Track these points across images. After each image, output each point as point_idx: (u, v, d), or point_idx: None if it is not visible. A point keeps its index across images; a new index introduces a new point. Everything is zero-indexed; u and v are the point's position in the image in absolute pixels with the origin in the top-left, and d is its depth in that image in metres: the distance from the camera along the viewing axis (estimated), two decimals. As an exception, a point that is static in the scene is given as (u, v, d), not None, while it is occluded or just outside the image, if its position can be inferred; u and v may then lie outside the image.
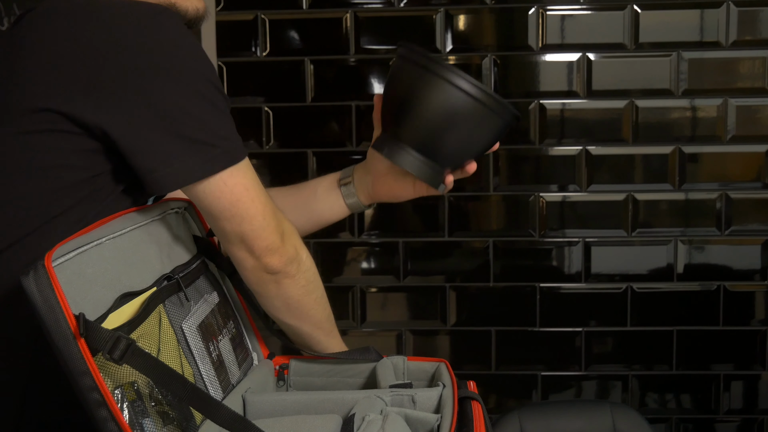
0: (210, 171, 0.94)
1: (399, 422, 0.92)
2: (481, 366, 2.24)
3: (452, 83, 1.05)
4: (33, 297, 0.74)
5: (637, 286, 2.19)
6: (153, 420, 0.81)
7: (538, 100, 2.14)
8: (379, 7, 2.15)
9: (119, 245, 0.91)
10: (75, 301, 0.78)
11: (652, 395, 2.24)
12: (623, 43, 2.12)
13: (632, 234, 2.18)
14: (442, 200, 2.18)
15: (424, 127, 1.08)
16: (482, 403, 1.03)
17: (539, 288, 2.21)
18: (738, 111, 2.12)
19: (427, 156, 1.10)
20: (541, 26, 2.12)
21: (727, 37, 2.10)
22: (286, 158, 2.20)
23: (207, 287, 1.08)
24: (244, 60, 2.18)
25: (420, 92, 1.06)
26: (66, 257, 0.80)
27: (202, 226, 1.15)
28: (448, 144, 1.09)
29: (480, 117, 1.07)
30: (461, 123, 1.07)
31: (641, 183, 2.16)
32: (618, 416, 1.78)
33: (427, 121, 1.08)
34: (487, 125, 1.09)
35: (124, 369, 0.80)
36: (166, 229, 1.04)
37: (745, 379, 2.22)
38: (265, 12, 2.16)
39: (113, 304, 0.84)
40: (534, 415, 1.80)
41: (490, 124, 1.09)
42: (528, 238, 2.19)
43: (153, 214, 1.02)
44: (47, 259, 0.76)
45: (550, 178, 2.18)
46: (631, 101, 2.13)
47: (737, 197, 2.15)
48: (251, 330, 1.19)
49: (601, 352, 2.23)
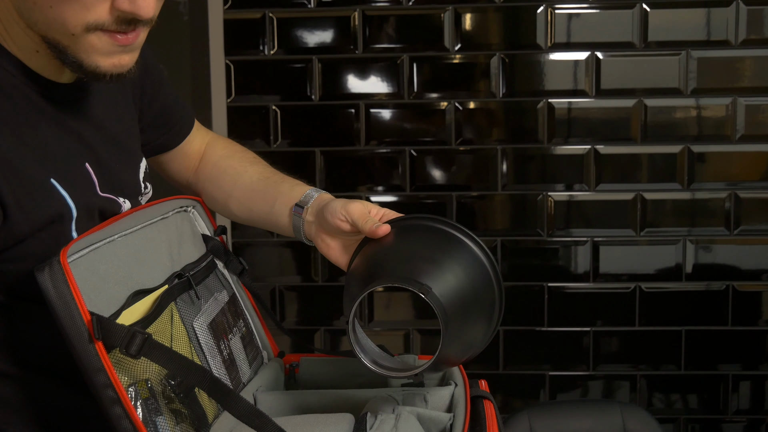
0: None
1: (412, 421, 0.92)
2: (489, 365, 2.23)
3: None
4: (48, 293, 0.74)
5: (645, 286, 2.19)
6: (166, 418, 0.81)
7: (546, 99, 2.14)
8: (387, 6, 2.14)
9: (130, 242, 0.91)
10: (89, 298, 0.78)
11: (660, 395, 2.24)
12: (632, 42, 2.11)
13: (640, 233, 2.17)
14: (450, 199, 2.18)
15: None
16: (494, 402, 1.02)
17: (547, 287, 2.20)
18: (747, 110, 2.11)
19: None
20: (549, 25, 2.12)
21: (736, 36, 2.09)
22: (293, 157, 2.19)
23: (217, 286, 1.08)
24: (251, 58, 2.18)
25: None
26: (79, 254, 0.80)
27: (210, 225, 1.14)
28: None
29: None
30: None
31: (649, 182, 2.15)
32: (628, 416, 1.77)
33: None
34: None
35: (138, 366, 0.80)
36: (175, 228, 1.03)
37: (753, 379, 2.21)
38: (273, 10, 2.16)
39: (126, 302, 0.84)
40: (543, 415, 1.79)
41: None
42: (535, 237, 2.19)
43: (162, 212, 1.01)
44: (63, 255, 0.76)
45: (558, 177, 2.17)
46: (640, 100, 2.13)
47: (746, 197, 2.14)
48: (261, 329, 1.18)
49: (608, 352, 2.22)
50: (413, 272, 0.93)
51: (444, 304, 0.90)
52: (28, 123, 0.85)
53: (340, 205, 1.03)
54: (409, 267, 0.94)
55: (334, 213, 1.02)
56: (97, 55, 0.83)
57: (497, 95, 2.14)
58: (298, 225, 1.09)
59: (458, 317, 0.92)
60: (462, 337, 0.94)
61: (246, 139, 2.17)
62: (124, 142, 1.03)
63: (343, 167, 2.20)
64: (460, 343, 0.95)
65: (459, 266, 0.96)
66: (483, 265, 0.98)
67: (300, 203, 1.09)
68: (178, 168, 1.22)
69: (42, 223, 0.83)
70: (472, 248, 0.98)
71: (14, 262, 0.83)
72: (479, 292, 0.97)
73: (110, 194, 0.96)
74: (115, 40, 0.83)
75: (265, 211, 1.14)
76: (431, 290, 0.90)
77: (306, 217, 1.08)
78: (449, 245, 0.98)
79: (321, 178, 2.20)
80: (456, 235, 0.99)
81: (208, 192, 1.19)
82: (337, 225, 1.02)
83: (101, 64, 0.84)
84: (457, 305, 0.92)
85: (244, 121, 2.20)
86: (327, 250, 1.07)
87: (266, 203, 1.14)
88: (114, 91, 1.02)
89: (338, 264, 1.07)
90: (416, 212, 1.04)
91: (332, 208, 1.03)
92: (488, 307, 0.98)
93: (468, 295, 0.94)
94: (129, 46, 0.85)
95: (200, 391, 0.87)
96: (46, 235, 0.84)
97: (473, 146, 2.17)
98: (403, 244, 0.99)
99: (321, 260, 2.23)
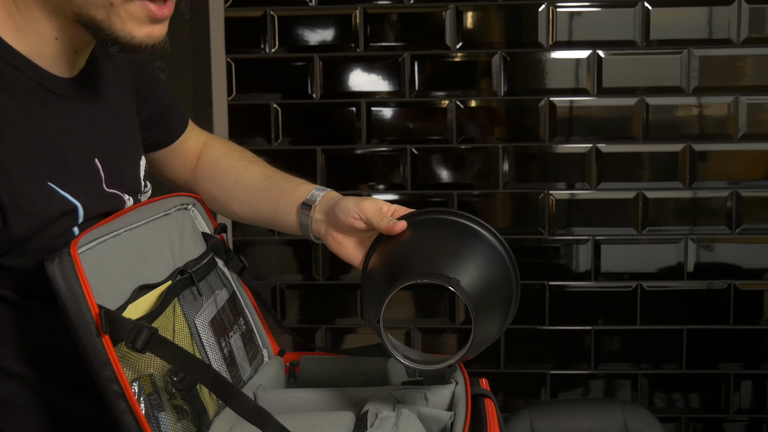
0: None
1: (413, 419, 0.92)
2: (490, 364, 2.23)
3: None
4: (57, 284, 0.75)
5: (646, 285, 2.18)
6: (168, 414, 0.81)
7: (547, 98, 2.13)
8: (389, 4, 2.14)
9: (135, 237, 0.91)
10: (96, 291, 0.78)
11: (661, 394, 2.23)
12: (634, 41, 2.11)
13: (642, 232, 2.17)
14: (451, 198, 2.18)
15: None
16: (495, 401, 1.02)
17: (548, 286, 2.20)
18: (749, 109, 2.11)
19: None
20: (550, 23, 2.12)
21: (738, 35, 2.09)
22: (294, 155, 2.19)
23: (218, 283, 1.08)
24: (252, 56, 2.18)
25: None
26: (87, 246, 0.80)
27: (210, 223, 1.14)
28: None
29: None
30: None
31: (651, 181, 2.15)
32: (629, 415, 1.77)
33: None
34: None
35: (142, 361, 0.80)
36: (177, 224, 1.03)
37: (755, 378, 2.21)
38: (274, 8, 2.15)
39: (131, 296, 0.84)
40: (544, 414, 1.79)
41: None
42: (537, 236, 2.19)
43: (164, 208, 1.01)
44: (73, 247, 0.76)
45: (560, 175, 2.17)
46: (642, 99, 2.12)
47: (748, 195, 2.14)
48: (261, 327, 1.18)
49: (610, 351, 2.22)
50: (438, 266, 0.94)
51: (471, 296, 0.92)
52: (33, 119, 0.86)
53: (352, 203, 1.03)
54: (434, 262, 0.95)
55: (347, 211, 1.03)
56: (132, 25, 0.85)
57: (499, 93, 2.13)
58: (306, 223, 1.09)
59: (484, 308, 0.94)
60: (487, 327, 0.96)
61: (247, 138, 2.17)
62: (126, 138, 1.03)
63: (344, 166, 2.20)
64: (485, 333, 0.96)
65: (480, 257, 0.98)
66: (501, 255, 1.00)
67: (307, 202, 1.09)
68: (174, 168, 1.22)
69: (43, 224, 0.83)
70: (490, 239, 1.01)
71: (19, 257, 0.83)
72: (499, 281, 0.99)
73: (116, 190, 0.96)
74: (150, 12, 0.85)
75: (270, 209, 1.14)
76: (460, 283, 0.91)
77: (314, 215, 1.08)
78: (468, 237, 1.00)
79: (322, 176, 2.19)
80: (473, 227, 1.01)
81: (208, 191, 1.19)
82: (350, 223, 1.02)
83: (136, 35, 0.86)
84: (482, 296, 0.94)
85: (245, 119, 2.20)
86: (339, 248, 1.07)
87: (270, 202, 1.14)
88: (115, 88, 1.03)
89: (352, 262, 1.07)
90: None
91: (344, 206, 1.03)
92: (507, 296, 1.00)
93: (490, 285, 0.97)
94: (162, 19, 0.87)
95: (201, 388, 0.87)
96: (50, 231, 0.84)
97: (475, 145, 2.17)
98: (421, 240, 0.99)
99: (322, 258, 2.23)
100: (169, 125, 1.18)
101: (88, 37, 0.89)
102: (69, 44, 0.89)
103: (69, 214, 0.86)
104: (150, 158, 1.18)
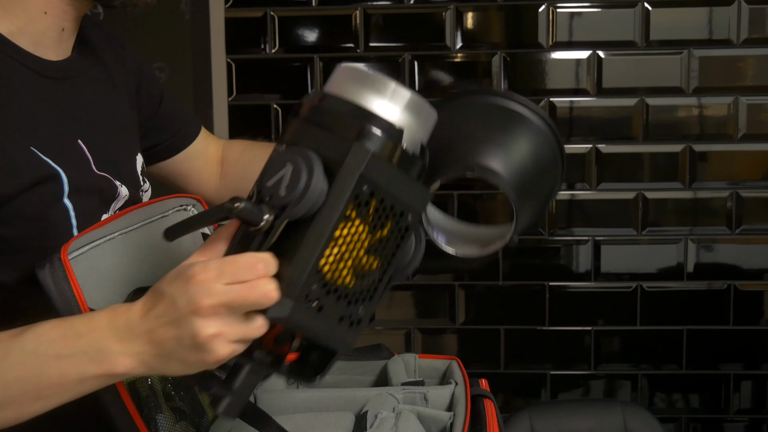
0: None
1: (412, 420, 0.92)
2: (490, 365, 2.23)
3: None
4: (48, 290, 0.75)
5: (646, 285, 2.18)
6: (166, 416, 0.81)
7: (547, 98, 2.13)
8: (389, 4, 2.14)
9: (131, 241, 0.91)
10: (89, 296, 0.78)
11: (661, 395, 2.23)
12: (634, 41, 2.11)
13: (642, 233, 2.17)
14: (451, 198, 2.18)
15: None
16: (495, 402, 1.02)
17: (548, 287, 2.20)
18: (749, 109, 2.11)
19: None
20: (551, 23, 2.12)
21: (738, 35, 2.09)
22: (294, 156, 2.19)
23: (216, 284, 1.08)
24: (253, 57, 2.18)
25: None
26: (80, 251, 0.80)
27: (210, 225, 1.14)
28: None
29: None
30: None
31: (651, 181, 2.15)
32: (629, 415, 1.77)
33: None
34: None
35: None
36: (175, 226, 1.03)
37: (755, 378, 2.21)
38: (275, 9, 2.16)
39: (126, 299, 0.84)
40: (544, 414, 1.79)
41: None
42: (537, 236, 2.19)
43: (161, 210, 1.01)
44: (63, 252, 0.76)
45: (560, 176, 2.16)
46: (642, 99, 2.12)
47: (748, 196, 2.14)
48: (261, 327, 1.18)
49: (610, 351, 2.22)
50: (478, 157, 0.90)
51: (513, 186, 0.89)
52: (14, 92, 0.86)
53: None
54: (472, 152, 0.91)
55: None
56: None
57: (499, 94, 2.13)
58: None
59: (525, 194, 0.91)
60: (528, 213, 0.94)
61: (247, 138, 2.17)
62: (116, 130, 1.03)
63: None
64: (528, 218, 0.94)
65: (523, 143, 0.93)
66: (545, 134, 0.95)
67: None
68: (201, 178, 1.22)
69: (26, 185, 0.82)
70: (530, 118, 0.94)
71: (3, 224, 0.82)
72: (543, 163, 0.95)
73: (106, 173, 0.96)
74: None
75: None
76: (500, 174, 0.88)
77: None
78: (507, 121, 0.94)
79: (322, 176, 2.19)
80: (512, 109, 0.94)
81: (241, 190, 1.20)
82: None
83: None
84: (525, 184, 0.91)
85: (246, 119, 2.20)
86: None
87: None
88: (104, 81, 1.03)
89: None
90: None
91: None
92: (552, 174, 0.97)
93: (533, 170, 0.93)
94: None
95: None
96: (34, 196, 0.83)
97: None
98: (455, 129, 0.94)
99: (322, 259, 2.23)
100: (181, 129, 1.18)
101: (75, 9, 0.90)
102: (57, 18, 0.90)
103: (52, 180, 0.85)
104: (175, 170, 1.19)
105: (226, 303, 0.65)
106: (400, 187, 0.71)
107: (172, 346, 0.67)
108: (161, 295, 0.68)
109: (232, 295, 0.64)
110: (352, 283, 0.70)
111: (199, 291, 0.65)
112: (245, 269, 0.65)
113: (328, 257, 0.67)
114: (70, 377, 0.69)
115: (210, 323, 0.65)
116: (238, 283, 0.65)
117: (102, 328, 0.69)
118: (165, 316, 0.67)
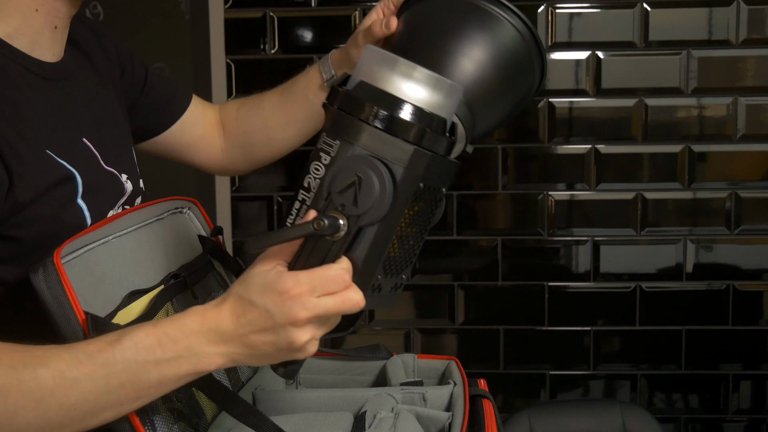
0: None
1: (410, 420, 0.92)
2: (489, 365, 2.23)
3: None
4: (42, 294, 0.74)
5: (645, 286, 2.18)
6: (164, 417, 0.81)
7: (546, 99, 2.14)
8: (388, 5, 2.14)
9: (126, 243, 0.91)
10: (84, 299, 0.78)
11: (661, 395, 2.24)
12: (633, 41, 2.11)
13: (641, 233, 2.17)
14: (451, 198, 2.18)
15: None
16: (493, 402, 1.02)
17: (548, 287, 2.20)
18: (748, 110, 2.11)
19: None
20: (550, 24, 2.12)
21: (737, 36, 2.09)
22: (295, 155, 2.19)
23: (215, 286, 1.08)
24: (252, 57, 2.18)
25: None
26: (74, 255, 0.80)
27: (206, 226, 1.14)
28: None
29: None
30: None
31: (650, 182, 2.15)
32: (628, 415, 1.77)
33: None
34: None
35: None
36: (171, 228, 1.03)
37: (754, 378, 2.21)
38: (274, 9, 2.16)
39: (122, 302, 0.84)
40: (543, 414, 1.80)
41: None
42: (536, 236, 2.19)
43: (156, 213, 1.01)
44: (56, 256, 0.76)
45: (559, 176, 2.17)
46: (641, 100, 2.12)
47: (747, 196, 2.14)
48: (260, 327, 1.18)
49: (609, 352, 2.22)
50: (441, 59, 0.89)
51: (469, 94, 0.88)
52: (25, 97, 0.87)
53: (359, 33, 1.10)
54: (435, 51, 0.89)
55: (357, 42, 1.10)
56: None
57: (498, 94, 2.13)
58: (331, 75, 1.15)
59: (486, 99, 0.92)
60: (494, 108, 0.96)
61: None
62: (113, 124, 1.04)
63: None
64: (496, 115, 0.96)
65: (490, 45, 0.91)
66: (516, 36, 0.94)
67: (322, 62, 1.16)
68: (204, 144, 1.24)
69: (44, 189, 0.84)
70: (501, 18, 0.93)
71: (21, 227, 0.82)
72: (514, 65, 0.94)
73: (113, 168, 0.97)
74: None
75: (297, 94, 1.19)
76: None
77: (331, 56, 1.15)
78: (476, 25, 0.91)
79: (322, 177, 2.19)
80: (484, 9, 0.91)
81: (249, 144, 1.24)
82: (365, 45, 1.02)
83: None
84: (486, 88, 0.91)
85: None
86: None
87: (294, 91, 1.19)
88: (94, 78, 1.04)
89: None
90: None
91: (353, 41, 1.11)
92: (527, 77, 0.97)
93: (500, 73, 0.93)
94: None
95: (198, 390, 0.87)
96: (51, 198, 0.85)
97: (474, 145, 2.16)
98: (410, 36, 0.92)
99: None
100: (171, 102, 1.20)
101: (65, 6, 0.91)
102: (48, 15, 0.91)
103: (67, 181, 0.86)
104: (176, 143, 1.21)
105: (320, 315, 0.73)
106: (442, 171, 0.77)
107: (268, 349, 0.75)
108: (251, 304, 0.74)
109: (326, 308, 0.73)
110: (397, 254, 0.78)
111: (294, 305, 0.72)
112: (334, 282, 0.73)
113: (389, 251, 0.76)
114: (168, 378, 0.75)
115: (305, 331, 0.74)
116: (329, 295, 0.73)
117: (195, 333, 0.75)
118: (258, 324, 0.74)
